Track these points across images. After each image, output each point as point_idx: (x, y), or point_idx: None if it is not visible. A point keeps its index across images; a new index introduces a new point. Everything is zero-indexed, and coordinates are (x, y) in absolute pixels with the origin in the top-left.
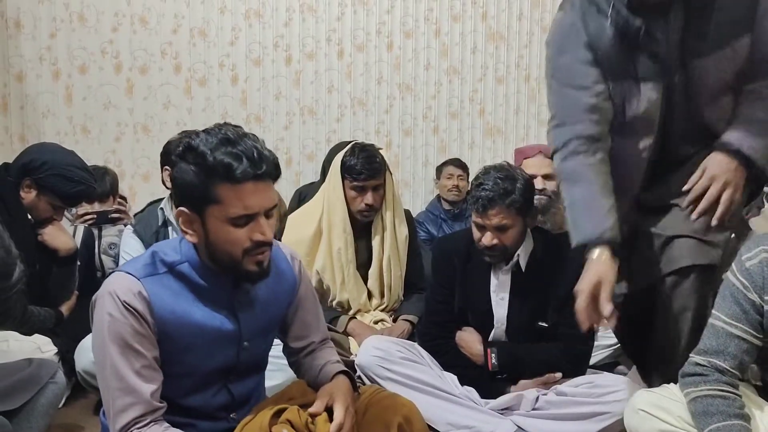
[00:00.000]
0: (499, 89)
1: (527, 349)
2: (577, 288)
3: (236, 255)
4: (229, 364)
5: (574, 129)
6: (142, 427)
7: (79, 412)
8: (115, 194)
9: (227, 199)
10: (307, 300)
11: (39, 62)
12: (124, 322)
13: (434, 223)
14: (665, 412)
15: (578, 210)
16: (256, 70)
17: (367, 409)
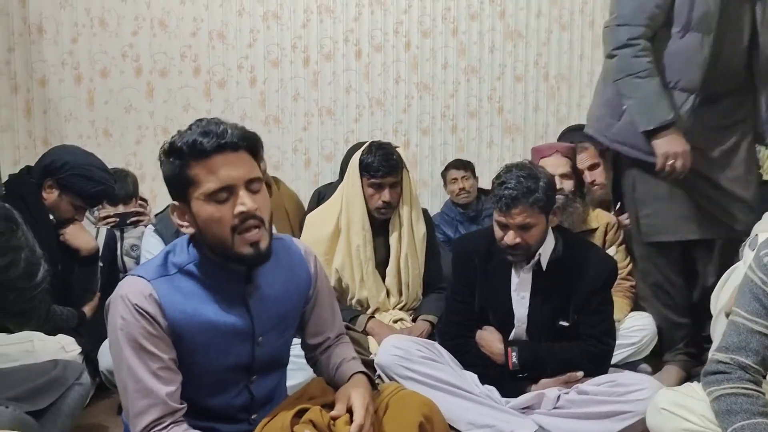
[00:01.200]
0: (518, 87)
1: (548, 348)
2: (666, 151)
3: (225, 236)
4: (245, 361)
5: (639, 30)
6: (162, 429)
7: (103, 411)
8: (137, 196)
9: (200, 175)
10: (323, 295)
11: (61, 67)
12: (136, 325)
13: (450, 225)
14: (688, 411)
15: (654, 98)
16: (274, 71)
17: (388, 408)
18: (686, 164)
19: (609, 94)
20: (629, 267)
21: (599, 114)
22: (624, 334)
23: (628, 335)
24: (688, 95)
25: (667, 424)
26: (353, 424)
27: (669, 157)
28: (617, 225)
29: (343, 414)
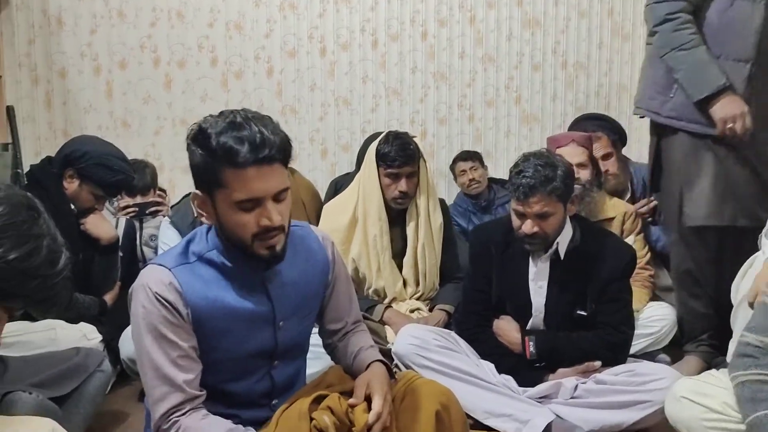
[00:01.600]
0: (536, 76)
1: (566, 338)
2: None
3: (245, 238)
4: (267, 346)
5: (678, 4)
6: (181, 415)
7: (125, 398)
8: (155, 187)
9: (231, 183)
10: (341, 282)
11: (80, 58)
12: (157, 314)
13: (463, 216)
14: (708, 398)
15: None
16: (291, 61)
17: (405, 396)
18: (746, 125)
19: (656, 73)
20: (647, 256)
21: (649, 94)
22: (643, 324)
23: (646, 325)
24: (744, 65)
25: (685, 413)
26: (371, 412)
27: (727, 121)
28: (635, 214)
29: (362, 401)
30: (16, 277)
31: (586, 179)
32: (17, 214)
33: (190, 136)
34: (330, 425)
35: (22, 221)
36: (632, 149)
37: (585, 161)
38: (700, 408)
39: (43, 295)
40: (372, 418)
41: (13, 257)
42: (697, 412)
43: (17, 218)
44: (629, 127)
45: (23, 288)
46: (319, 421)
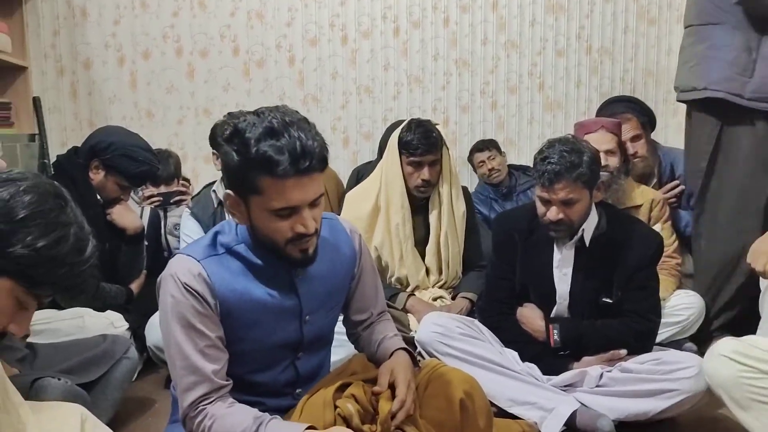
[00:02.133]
0: (560, 62)
1: (590, 326)
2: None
3: (279, 243)
4: (293, 339)
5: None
6: (208, 404)
7: (151, 385)
8: (179, 177)
9: (269, 191)
10: (367, 273)
11: (104, 49)
12: (186, 303)
13: (485, 204)
14: (750, 359)
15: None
16: (312, 50)
17: (429, 384)
18: None
19: (731, 53)
20: (675, 244)
21: (727, 75)
22: (669, 313)
23: (673, 314)
24: None
25: (723, 369)
26: (395, 400)
27: None
28: (662, 201)
29: (386, 389)
30: (44, 265)
31: (615, 166)
32: (45, 202)
33: (224, 137)
34: (354, 413)
35: (50, 209)
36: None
37: (614, 148)
38: (740, 366)
39: (71, 283)
40: (396, 406)
41: (42, 245)
42: (736, 371)
43: (45, 206)
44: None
45: (52, 275)
46: (344, 409)
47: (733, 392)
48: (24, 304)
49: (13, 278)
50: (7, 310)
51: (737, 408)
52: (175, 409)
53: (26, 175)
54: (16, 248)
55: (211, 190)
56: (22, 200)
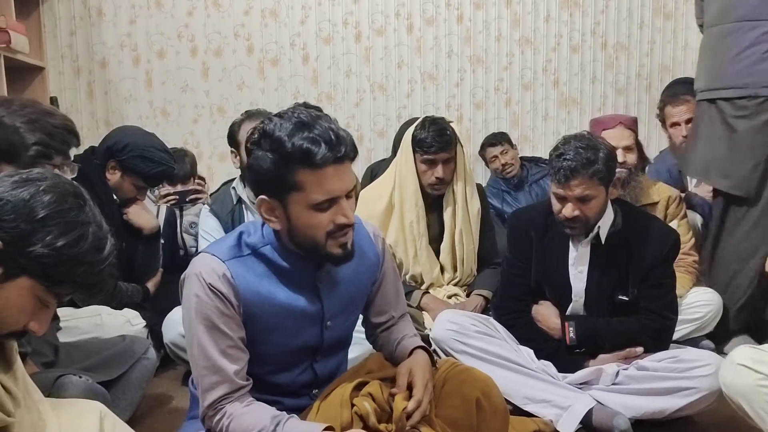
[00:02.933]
0: (574, 58)
1: (606, 323)
2: None
3: (320, 239)
4: (313, 343)
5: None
6: (228, 403)
7: (168, 382)
8: (195, 175)
9: (308, 185)
10: (389, 276)
11: (120, 49)
12: (209, 304)
13: (497, 197)
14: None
15: None
16: (326, 48)
17: (445, 383)
18: None
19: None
20: (692, 241)
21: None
22: (686, 310)
23: (690, 311)
24: None
25: (740, 379)
26: (412, 399)
27: None
28: (679, 198)
29: (404, 389)
30: (64, 264)
31: (632, 163)
32: (64, 201)
33: (253, 142)
34: (371, 412)
35: (69, 209)
36: None
37: (632, 144)
38: (757, 375)
39: (91, 281)
40: (412, 406)
41: (61, 244)
42: (754, 380)
43: (64, 206)
44: None
45: (71, 274)
46: (360, 408)
47: (752, 401)
48: (44, 303)
49: (34, 277)
50: (27, 308)
51: (758, 417)
52: (193, 405)
53: (45, 174)
54: (36, 247)
55: (231, 187)
56: (42, 200)
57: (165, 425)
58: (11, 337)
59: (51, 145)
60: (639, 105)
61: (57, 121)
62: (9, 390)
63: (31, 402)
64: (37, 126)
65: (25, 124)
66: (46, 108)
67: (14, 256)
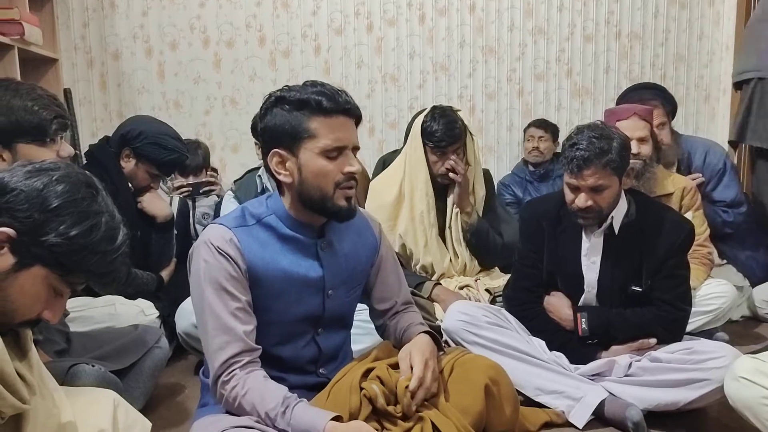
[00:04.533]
0: (588, 48)
1: (619, 314)
2: None
3: (328, 189)
4: (315, 312)
5: None
6: (241, 368)
7: (180, 371)
8: (208, 167)
9: (320, 131)
10: (388, 261)
11: (133, 40)
12: (218, 266)
13: (520, 186)
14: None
15: None
16: (338, 39)
17: (453, 370)
18: None
19: None
20: (706, 233)
21: None
22: (700, 302)
23: (705, 303)
24: None
25: (744, 393)
26: (412, 378)
27: None
28: (694, 189)
29: (408, 372)
30: (77, 253)
31: (647, 154)
32: (77, 191)
33: (268, 104)
34: (379, 394)
35: (82, 198)
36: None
37: (646, 136)
38: (759, 388)
39: (104, 270)
40: (413, 384)
41: (75, 233)
42: (756, 393)
43: (77, 195)
44: (686, 98)
45: (84, 263)
46: (369, 391)
47: (758, 415)
48: (58, 292)
49: (47, 266)
50: (41, 297)
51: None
52: (204, 394)
53: (58, 164)
54: (49, 237)
55: (257, 175)
56: (55, 190)
57: (177, 414)
58: (25, 325)
59: (64, 116)
60: None
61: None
62: (24, 377)
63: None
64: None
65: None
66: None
67: (28, 245)
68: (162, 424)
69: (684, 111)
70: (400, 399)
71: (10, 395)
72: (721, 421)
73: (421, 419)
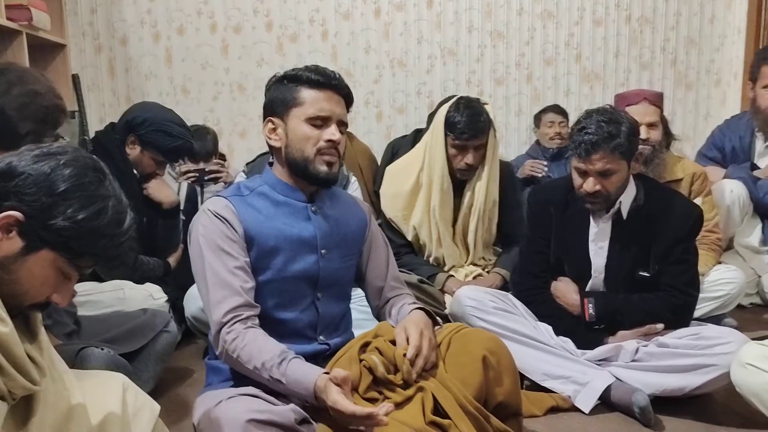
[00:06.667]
0: (597, 32)
1: (626, 299)
2: None
3: (309, 153)
4: (311, 271)
5: None
6: (241, 321)
7: (189, 356)
8: (216, 153)
9: (307, 100)
10: (378, 239)
11: (140, 26)
12: (215, 229)
13: None
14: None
15: None
16: (345, 24)
17: (450, 344)
18: None
19: None
20: (716, 219)
21: None
22: (709, 288)
23: (713, 289)
24: None
25: (751, 379)
26: (410, 346)
27: None
28: (703, 175)
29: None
30: (84, 236)
31: (657, 140)
32: (84, 175)
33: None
34: (379, 363)
35: (89, 182)
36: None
37: (656, 121)
38: (766, 375)
39: (111, 254)
40: (411, 352)
41: (82, 217)
42: (762, 379)
43: (85, 179)
44: (697, 82)
45: (92, 247)
46: (368, 361)
47: (765, 401)
48: (66, 275)
49: (55, 250)
50: (50, 280)
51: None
52: (209, 376)
53: (66, 149)
54: (57, 220)
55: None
56: (63, 173)
57: (186, 397)
58: (35, 308)
59: (42, 132)
60: (664, 80)
61: (47, 102)
62: (34, 359)
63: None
64: (29, 111)
65: (16, 111)
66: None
67: (36, 229)
68: (171, 408)
69: (695, 95)
70: (399, 366)
71: (20, 376)
72: (728, 407)
73: (422, 389)
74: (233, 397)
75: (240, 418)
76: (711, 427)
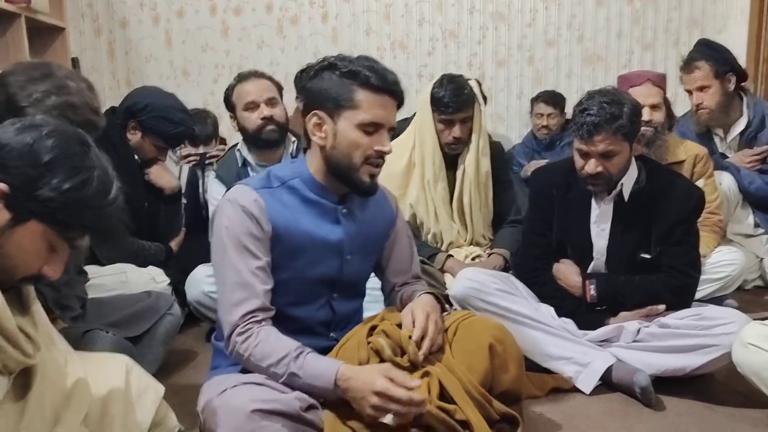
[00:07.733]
0: (600, 13)
1: (628, 281)
2: None
3: (356, 161)
4: (333, 275)
5: None
6: (256, 323)
7: (192, 339)
8: (217, 137)
9: (363, 104)
10: (403, 236)
11: (140, 8)
12: (241, 225)
13: (527, 156)
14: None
15: None
16: (346, 5)
17: (457, 330)
18: None
19: None
20: (718, 200)
21: None
22: (710, 270)
23: (714, 270)
24: None
25: (752, 358)
26: (416, 328)
27: None
28: (706, 157)
29: (410, 327)
30: (71, 207)
31: (659, 122)
32: (68, 146)
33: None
34: (385, 346)
35: (74, 153)
36: None
37: (659, 102)
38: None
39: (99, 226)
40: (417, 334)
41: (67, 187)
42: (763, 359)
43: (69, 150)
44: None
45: (79, 217)
46: (375, 343)
47: (766, 380)
48: (56, 248)
49: (43, 221)
50: (41, 253)
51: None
52: (216, 358)
53: (48, 120)
54: (43, 191)
55: (236, 150)
56: (45, 144)
57: (189, 380)
58: (26, 282)
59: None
60: (666, 61)
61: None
62: (27, 333)
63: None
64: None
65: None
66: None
67: (22, 200)
68: (174, 390)
69: None
70: (405, 348)
71: (12, 348)
72: (728, 386)
73: (428, 374)
74: (237, 386)
75: (244, 407)
76: (712, 406)
